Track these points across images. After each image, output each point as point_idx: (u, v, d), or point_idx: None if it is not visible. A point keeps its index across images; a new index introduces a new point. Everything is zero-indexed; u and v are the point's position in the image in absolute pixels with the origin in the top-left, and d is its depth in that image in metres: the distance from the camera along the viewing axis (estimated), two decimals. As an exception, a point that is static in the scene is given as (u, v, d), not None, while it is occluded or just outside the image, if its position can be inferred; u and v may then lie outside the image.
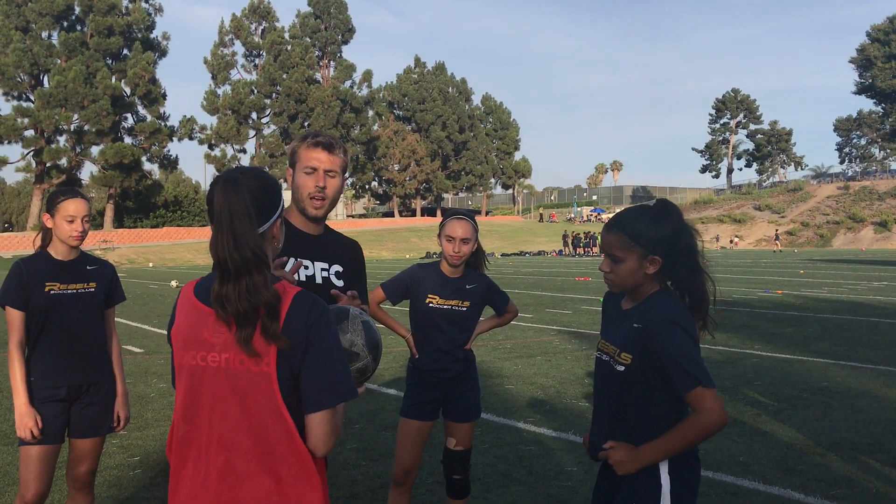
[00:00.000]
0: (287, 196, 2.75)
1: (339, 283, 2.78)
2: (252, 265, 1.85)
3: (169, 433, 2.01)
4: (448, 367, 3.83)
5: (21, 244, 47.23)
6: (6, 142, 52.20)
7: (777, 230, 66.98)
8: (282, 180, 43.39)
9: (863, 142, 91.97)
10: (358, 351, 2.22)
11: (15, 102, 53.35)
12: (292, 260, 2.56)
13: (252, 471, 1.89)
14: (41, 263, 3.44)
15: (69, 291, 3.46)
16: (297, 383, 1.89)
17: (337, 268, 2.82)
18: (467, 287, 3.85)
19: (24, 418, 3.31)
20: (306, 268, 2.74)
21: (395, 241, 59.43)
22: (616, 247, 2.41)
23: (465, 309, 3.84)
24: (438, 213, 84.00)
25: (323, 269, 2.78)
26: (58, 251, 3.48)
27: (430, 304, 3.80)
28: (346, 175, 2.88)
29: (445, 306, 3.81)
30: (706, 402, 2.25)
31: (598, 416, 2.52)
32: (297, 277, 2.62)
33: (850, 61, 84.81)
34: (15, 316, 3.38)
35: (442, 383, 3.84)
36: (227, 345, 1.89)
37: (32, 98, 52.70)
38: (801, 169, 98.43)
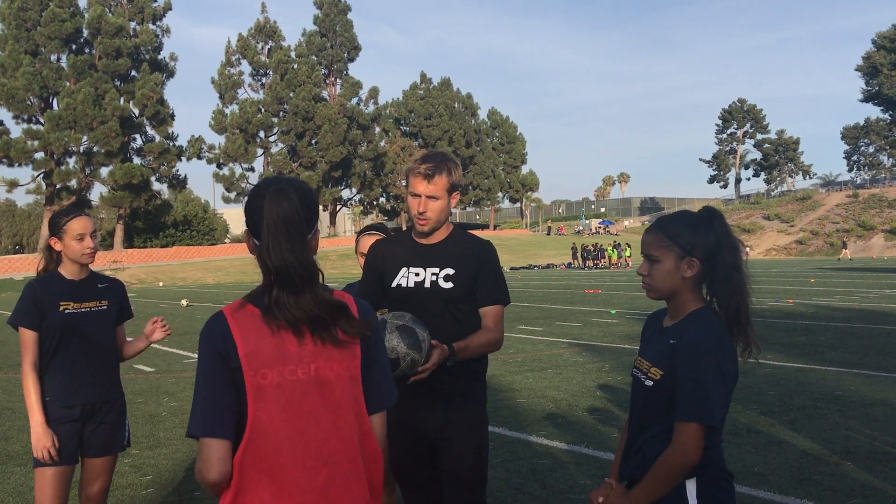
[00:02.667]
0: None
1: (448, 285, 3.03)
2: (315, 270, 1.90)
3: (238, 455, 1.84)
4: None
5: (32, 265, 47.44)
6: (17, 164, 52.58)
7: (845, 239, 64.66)
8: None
9: (871, 149, 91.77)
10: (398, 356, 2.69)
11: (25, 125, 53.83)
12: None
13: (351, 482, 1.88)
14: (54, 284, 3.45)
15: (83, 310, 3.47)
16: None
17: (448, 271, 3.05)
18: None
19: (42, 439, 3.31)
20: (417, 274, 3.07)
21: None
22: (653, 246, 2.35)
23: None
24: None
25: (433, 274, 3.06)
26: (69, 271, 3.49)
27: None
28: (457, 191, 3.13)
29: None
30: (683, 436, 2.18)
31: (628, 435, 2.48)
32: (407, 283, 3.06)
33: (857, 69, 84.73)
34: (29, 336, 3.38)
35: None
36: (315, 354, 1.88)
37: (42, 121, 53.14)
38: (810, 178, 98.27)
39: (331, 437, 1.87)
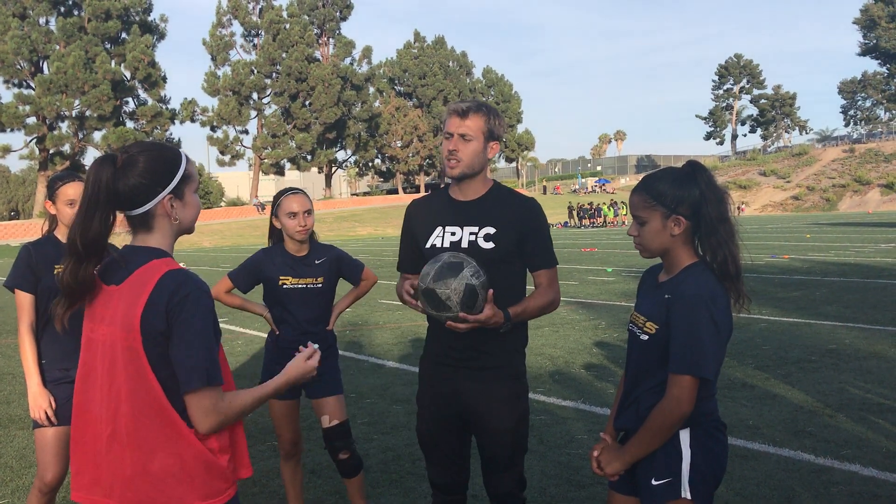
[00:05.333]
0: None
1: (488, 245, 2.83)
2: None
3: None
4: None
5: (27, 231, 47.34)
6: (8, 130, 52.09)
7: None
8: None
9: (868, 104, 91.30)
10: (446, 299, 2.60)
11: (16, 90, 53.23)
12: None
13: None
14: (49, 247, 3.45)
15: None
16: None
17: (488, 230, 2.85)
18: (317, 262, 3.81)
19: (38, 399, 3.34)
20: (453, 234, 2.88)
21: (399, 217, 58.02)
22: (639, 207, 2.38)
23: (320, 285, 3.80)
24: (442, 187, 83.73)
25: (471, 233, 2.86)
26: (64, 235, 3.49)
27: (285, 286, 3.76)
28: (496, 141, 2.91)
29: (300, 285, 3.77)
30: (676, 388, 2.21)
31: (624, 388, 2.51)
32: (442, 243, 2.88)
33: (854, 22, 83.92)
34: (25, 299, 3.40)
35: None
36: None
37: (33, 85, 52.56)
38: (806, 133, 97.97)
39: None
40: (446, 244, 2.87)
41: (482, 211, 2.90)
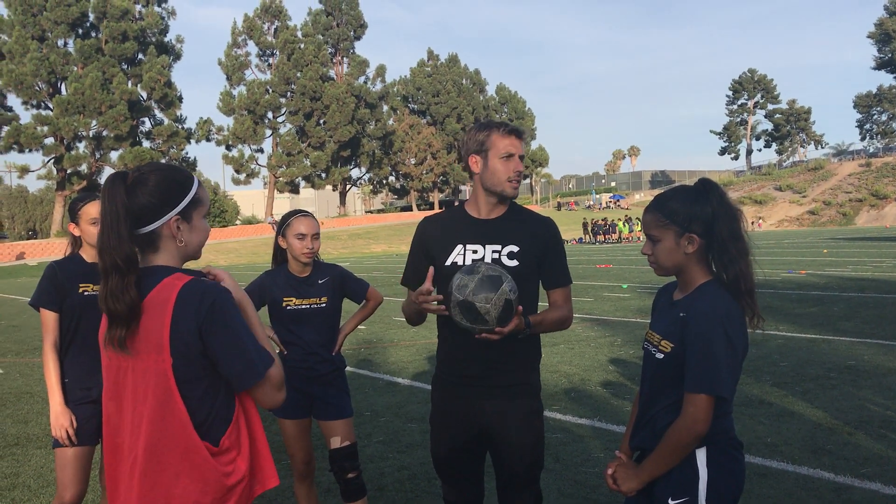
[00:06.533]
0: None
1: (513, 263, 2.86)
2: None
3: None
4: (315, 367, 3.79)
5: (45, 251, 47.75)
6: (27, 150, 52.68)
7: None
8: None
9: (884, 117, 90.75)
10: (485, 313, 2.58)
11: (34, 111, 53.84)
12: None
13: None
14: (74, 266, 3.49)
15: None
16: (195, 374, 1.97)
17: (511, 248, 2.88)
18: (320, 282, 3.82)
19: (60, 419, 3.36)
20: (475, 252, 2.89)
21: (413, 235, 59.42)
22: (652, 226, 2.38)
23: (324, 305, 3.81)
24: (456, 205, 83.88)
25: (494, 252, 2.87)
26: (88, 254, 3.53)
27: (289, 307, 3.77)
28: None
29: (304, 306, 3.78)
30: (692, 407, 2.20)
31: (639, 406, 2.50)
32: (463, 261, 2.87)
33: (869, 36, 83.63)
34: (50, 318, 3.43)
35: (309, 381, 3.79)
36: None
37: (51, 106, 53.19)
38: (822, 147, 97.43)
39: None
40: (468, 261, 2.87)
41: (504, 229, 2.91)
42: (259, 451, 2.07)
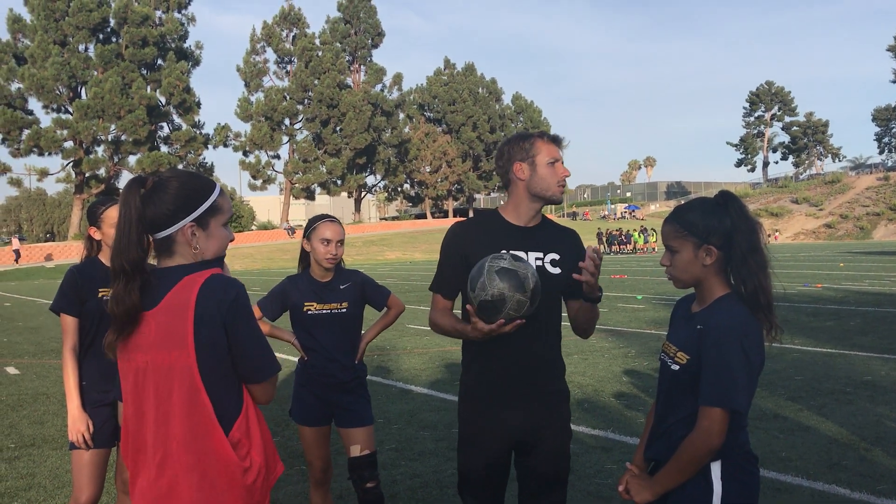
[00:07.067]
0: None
1: (556, 271, 2.89)
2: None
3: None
4: (336, 374, 3.79)
5: (63, 253, 48.16)
6: (46, 153, 53.24)
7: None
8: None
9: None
10: (504, 297, 2.54)
11: (54, 115, 54.40)
12: None
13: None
14: (94, 270, 3.52)
15: None
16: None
17: (553, 256, 2.91)
18: (341, 287, 3.83)
19: (77, 423, 3.38)
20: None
21: (427, 242, 59.54)
22: (671, 237, 2.39)
23: (344, 310, 3.81)
24: (470, 212, 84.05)
25: (537, 259, 2.89)
26: (108, 258, 3.56)
27: (310, 312, 3.78)
28: None
29: (325, 311, 3.78)
30: (707, 421, 2.19)
31: (654, 417, 2.50)
32: None
33: (888, 49, 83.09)
34: (69, 322, 3.45)
35: (329, 388, 3.80)
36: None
37: (71, 110, 53.70)
38: (839, 160, 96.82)
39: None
40: None
41: (545, 237, 2.94)
42: (267, 441, 2.12)
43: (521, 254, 2.85)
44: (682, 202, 2.47)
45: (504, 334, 2.64)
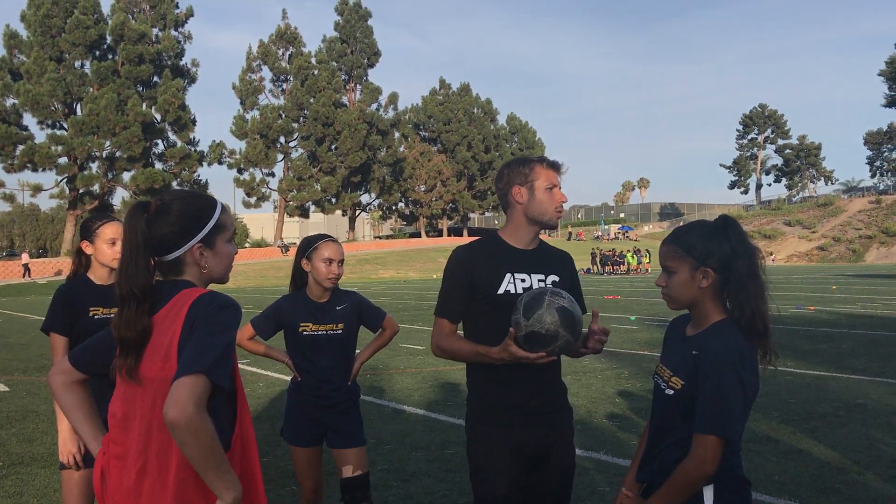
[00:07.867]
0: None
1: None
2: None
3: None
4: (329, 395, 3.79)
5: (55, 269, 47.94)
6: (41, 169, 53.21)
7: None
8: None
9: (894, 155, 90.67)
10: (557, 334, 2.59)
11: (49, 131, 54.45)
12: None
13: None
14: (84, 289, 3.49)
15: (111, 316, 3.51)
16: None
17: (554, 278, 2.97)
18: (338, 308, 3.82)
19: (68, 444, 3.35)
20: (523, 280, 2.91)
21: (421, 261, 59.54)
22: (668, 257, 2.39)
23: (340, 332, 3.80)
24: (465, 233, 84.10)
25: (540, 281, 2.93)
26: (98, 276, 3.54)
27: (305, 333, 3.77)
28: None
29: (321, 332, 3.77)
30: (701, 448, 2.19)
31: (648, 440, 2.49)
32: (515, 289, 2.86)
33: (880, 74, 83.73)
34: (59, 342, 3.42)
35: (322, 409, 3.79)
36: None
37: (66, 126, 53.74)
38: (832, 183, 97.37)
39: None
40: (519, 290, 2.86)
41: (544, 259, 3.00)
42: (254, 476, 2.06)
43: (525, 276, 2.90)
44: (681, 224, 2.48)
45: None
